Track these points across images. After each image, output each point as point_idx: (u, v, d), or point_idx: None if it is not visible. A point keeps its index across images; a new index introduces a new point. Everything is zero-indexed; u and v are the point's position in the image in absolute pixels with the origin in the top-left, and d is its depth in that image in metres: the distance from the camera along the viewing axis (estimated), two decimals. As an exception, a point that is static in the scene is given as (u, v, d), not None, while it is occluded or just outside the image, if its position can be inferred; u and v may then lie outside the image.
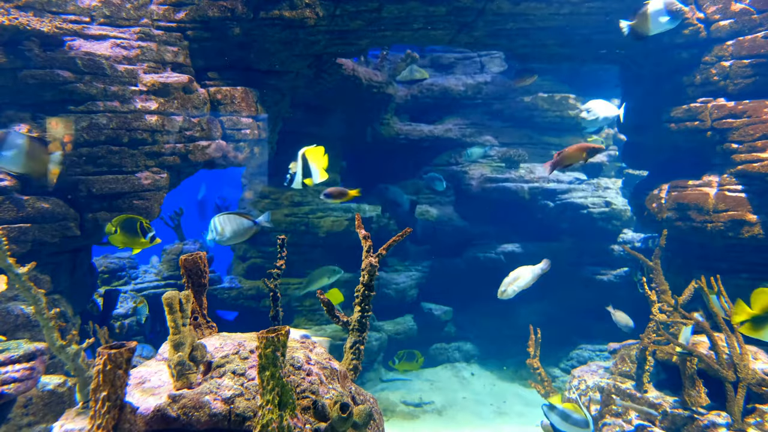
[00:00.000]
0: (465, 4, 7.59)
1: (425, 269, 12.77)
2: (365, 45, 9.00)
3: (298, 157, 5.71)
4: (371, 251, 4.16)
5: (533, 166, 12.68)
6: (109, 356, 2.65)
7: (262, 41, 7.81)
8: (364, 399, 3.78)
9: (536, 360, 7.40)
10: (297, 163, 5.75)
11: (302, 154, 5.70)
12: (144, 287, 10.57)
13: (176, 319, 3.15)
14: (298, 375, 3.28)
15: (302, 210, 11.50)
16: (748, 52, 7.47)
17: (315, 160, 5.73)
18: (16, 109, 6.27)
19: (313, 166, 5.70)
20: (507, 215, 12.51)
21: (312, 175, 5.74)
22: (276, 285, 4.62)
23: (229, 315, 11.55)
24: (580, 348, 11.43)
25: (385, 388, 11.01)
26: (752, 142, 7.39)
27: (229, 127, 7.78)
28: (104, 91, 6.60)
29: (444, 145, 13.14)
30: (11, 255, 4.54)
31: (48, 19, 6.40)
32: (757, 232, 7.30)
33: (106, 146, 6.61)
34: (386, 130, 12.68)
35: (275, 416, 2.67)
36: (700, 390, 6.10)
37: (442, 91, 13.30)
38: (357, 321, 4.15)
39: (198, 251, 3.89)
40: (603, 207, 11.81)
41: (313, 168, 5.70)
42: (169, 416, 2.91)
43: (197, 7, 7.29)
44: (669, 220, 8.26)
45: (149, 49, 7.09)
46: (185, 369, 3.11)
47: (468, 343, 12.62)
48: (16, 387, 4.90)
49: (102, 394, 2.68)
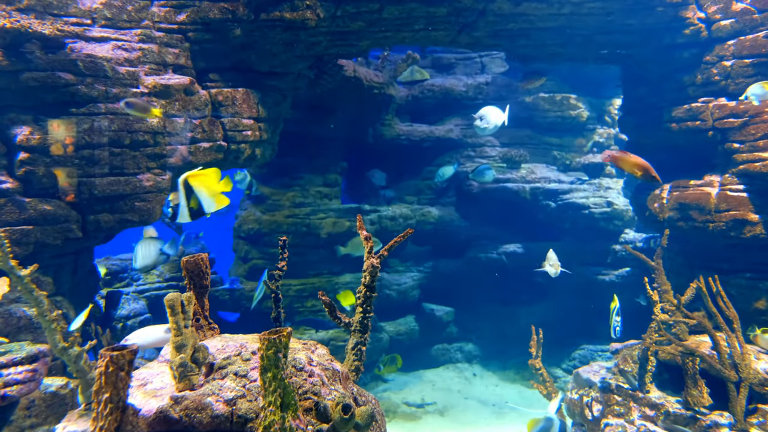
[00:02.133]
0: (466, 4, 7.59)
1: (427, 270, 12.77)
2: (366, 46, 9.00)
3: (179, 186, 4.74)
4: (372, 252, 4.16)
5: (534, 167, 12.67)
6: (112, 358, 2.65)
7: (263, 43, 7.82)
8: (366, 400, 3.77)
9: (538, 360, 7.39)
10: (178, 192, 4.83)
11: (183, 180, 4.71)
12: (146, 289, 10.57)
13: (178, 321, 3.15)
14: (300, 376, 3.28)
15: (303, 211, 11.51)
16: (750, 51, 7.47)
17: (204, 186, 4.81)
18: (18, 111, 6.28)
19: (202, 194, 4.79)
20: (508, 216, 12.51)
21: (203, 204, 4.82)
22: (277, 286, 4.63)
23: (231, 316, 11.55)
24: (582, 348, 11.42)
25: (387, 389, 11.00)
26: (754, 142, 7.39)
27: (231, 128, 7.78)
28: (106, 93, 6.61)
29: (445, 146, 13.15)
30: (13, 257, 4.55)
31: (49, 22, 6.41)
32: (758, 231, 7.29)
33: (108, 148, 6.62)
34: (387, 131, 12.68)
35: (277, 417, 2.67)
36: (702, 390, 6.09)
37: (443, 91, 13.31)
38: (358, 322, 4.14)
39: (200, 253, 3.90)
40: (604, 207, 11.80)
41: (203, 196, 4.79)
42: (171, 418, 2.91)
43: (198, 8, 7.30)
44: (671, 220, 8.25)
45: (150, 51, 7.10)
46: (187, 371, 3.11)
47: (470, 344, 12.62)
48: (18, 389, 4.91)
49: (104, 396, 2.69)
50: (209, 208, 4.88)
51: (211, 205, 4.86)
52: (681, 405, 6.23)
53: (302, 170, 12.11)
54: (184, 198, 4.75)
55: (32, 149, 6.21)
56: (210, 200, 4.86)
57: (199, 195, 4.80)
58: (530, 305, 12.19)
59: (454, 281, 12.66)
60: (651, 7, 7.71)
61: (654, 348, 6.74)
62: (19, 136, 6.16)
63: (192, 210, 4.80)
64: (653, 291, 6.83)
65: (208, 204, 4.86)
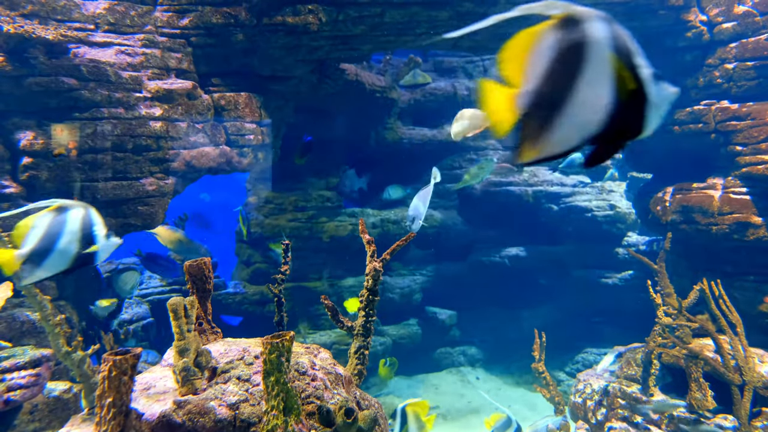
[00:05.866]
0: (467, 8, 7.60)
1: (429, 273, 12.75)
2: (368, 50, 9.02)
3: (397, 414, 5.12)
4: (375, 256, 4.16)
5: (537, 170, 12.66)
6: (115, 362, 2.66)
7: (266, 47, 7.84)
8: (369, 404, 3.77)
9: (541, 364, 7.38)
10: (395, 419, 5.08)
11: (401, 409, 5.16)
12: (149, 293, 10.58)
13: (181, 325, 3.16)
14: (302, 380, 3.28)
15: (306, 215, 11.52)
16: (752, 54, 7.46)
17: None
18: (22, 116, 6.30)
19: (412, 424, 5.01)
20: (511, 219, 12.49)
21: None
22: (280, 290, 4.63)
23: (234, 320, 11.55)
24: (586, 352, 11.38)
25: (390, 393, 10.98)
26: (756, 144, 7.38)
27: (233, 132, 7.80)
28: (109, 98, 6.64)
29: (448, 149, 13.14)
30: (17, 261, 4.55)
31: (53, 27, 6.44)
32: (762, 234, 7.27)
33: (111, 152, 6.64)
34: (390, 135, 12.69)
35: (280, 422, 2.67)
36: (706, 393, 6.08)
37: (445, 95, 13.32)
38: (361, 326, 4.14)
39: (202, 257, 3.90)
40: (607, 210, 11.78)
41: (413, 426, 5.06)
42: (174, 422, 2.92)
43: (201, 13, 7.33)
44: (674, 223, 8.24)
45: (153, 56, 7.13)
46: (190, 375, 3.11)
47: (473, 347, 12.59)
48: (22, 393, 4.92)
49: (107, 401, 2.69)
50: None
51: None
52: (685, 408, 6.21)
53: (304, 174, 12.12)
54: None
55: (36, 154, 6.23)
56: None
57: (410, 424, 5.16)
58: (533, 308, 12.16)
59: (456, 284, 12.63)
60: (653, 10, 7.71)
61: (657, 351, 6.73)
62: (23, 140, 6.19)
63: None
64: (656, 294, 6.82)
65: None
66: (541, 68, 1.78)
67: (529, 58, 1.81)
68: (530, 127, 1.80)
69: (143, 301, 10.16)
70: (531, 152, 1.82)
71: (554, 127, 1.78)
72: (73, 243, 3.46)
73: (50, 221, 3.44)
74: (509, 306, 12.41)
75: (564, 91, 1.75)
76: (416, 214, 6.20)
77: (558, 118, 1.77)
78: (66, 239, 3.45)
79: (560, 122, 1.77)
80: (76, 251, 3.50)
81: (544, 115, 1.77)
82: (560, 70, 1.75)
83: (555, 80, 1.76)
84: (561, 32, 1.79)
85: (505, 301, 12.41)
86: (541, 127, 1.78)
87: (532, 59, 1.80)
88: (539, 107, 1.77)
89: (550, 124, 1.78)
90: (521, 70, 1.81)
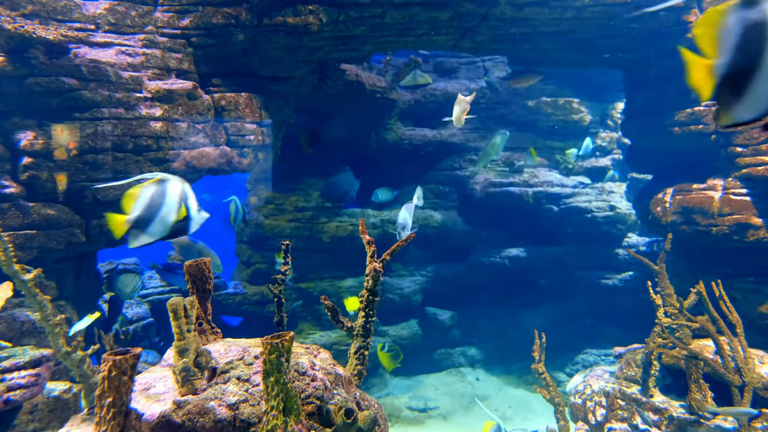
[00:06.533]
0: (468, 9, 7.60)
1: (429, 274, 12.75)
2: (368, 50, 9.03)
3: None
4: (375, 256, 4.16)
5: (537, 170, 12.66)
6: (114, 362, 2.66)
7: (266, 47, 7.84)
8: (369, 404, 3.77)
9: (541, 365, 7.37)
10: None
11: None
12: (149, 293, 10.59)
13: (181, 325, 3.16)
14: (302, 380, 3.28)
15: (306, 215, 11.52)
16: (752, 55, 7.46)
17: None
18: (22, 116, 6.30)
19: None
20: (511, 220, 12.49)
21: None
22: (280, 290, 4.63)
23: (234, 321, 11.56)
24: (585, 352, 11.38)
25: (390, 393, 10.99)
26: (757, 146, 7.38)
27: (234, 133, 7.81)
28: (109, 98, 6.64)
29: (448, 150, 13.15)
30: (17, 261, 4.56)
31: (53, 27, 6.44)
32: (762, 235, 7.27)
33: (111, 153, 6.64)
34: (390, 135, 12.70)
35: (280, 422, 2.67)
36: (706, 394, 6.07)
37: (445, 95, 13.31)
38: (361, 326, 4.14)
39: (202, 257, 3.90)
40: (607, 211, 11.78)
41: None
42: (173, 422, 2.92)
43: (201, 14, 7.34)
44: (674, 224, 8.24)
45: (154, 56, 7.14)
46: (190, 375, 3.11)
47: (473, 348, 12.59)
48: (21, 393, 4.92)
49: (107, 401, 2.69)
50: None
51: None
52: (685, 409, 6.21)
53: (305, 174, 12.13)
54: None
55: (36, 154, 6.24)
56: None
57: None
58: (533, 309, 12.16)
59: (456, 285, 12.64)
60: (653, 11, 7.72)
61: (657, 352, 6.72)
62: (23, 140, 6.19)
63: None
64: (656, 295, 6.82)
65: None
66: (730, 43, 2.08)
67: (720, 34, 2.10)
68: (725, 95, 2.13)
69: (143, 302, 10.16)
70: (726, 117, 2.17)
71: (745, 95, 2.08)
72: (171, 213, 3.70)
73: (153, 192, 3.67)
74: (509, 307, 12.41)
75: (753, 62, 2.04)
76: (405, 224, 6.64)
77: (749, 86, 2.05)
78: (166, 209, 3.70)
79: (751, 90, 2.05)
80: (174, 220, 3.73)
81: (736, 84, 2.08)
82: (747, 46, 2.03)
83: (744, 54, 2.06)
84: (743, 11, 2.04)
85: (505, 302, 12.41)
86: (734, 95, 2.08)
87: (722, 35, 2.10)
88: (732, 78, 2.08)
89: (742, 92, 2.08)
90: (714, 45, 2.12)
